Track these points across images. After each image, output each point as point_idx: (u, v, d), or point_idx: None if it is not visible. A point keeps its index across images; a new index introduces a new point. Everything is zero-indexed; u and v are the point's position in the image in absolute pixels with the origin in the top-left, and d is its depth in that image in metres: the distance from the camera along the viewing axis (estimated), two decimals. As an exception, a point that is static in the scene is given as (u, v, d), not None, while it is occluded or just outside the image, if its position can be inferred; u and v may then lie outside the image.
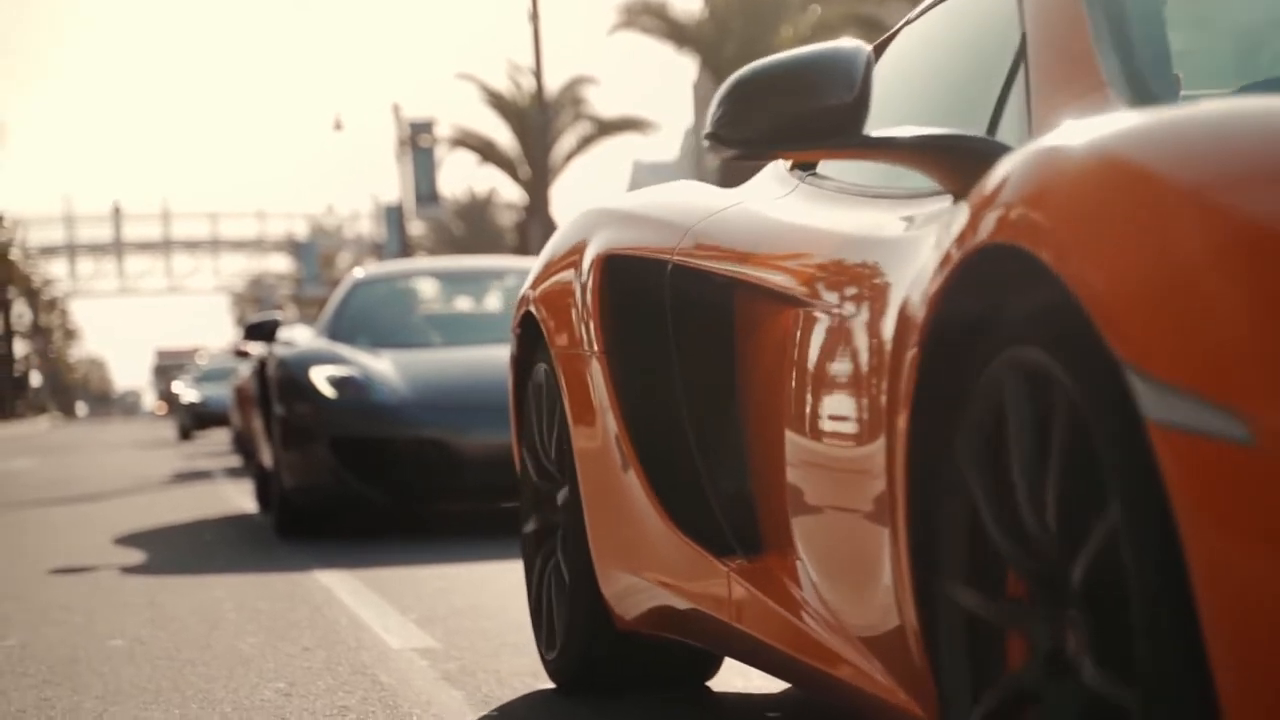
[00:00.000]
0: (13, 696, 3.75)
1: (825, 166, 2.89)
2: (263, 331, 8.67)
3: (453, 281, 9.58)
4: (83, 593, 5.79)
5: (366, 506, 7.56)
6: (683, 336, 2.90)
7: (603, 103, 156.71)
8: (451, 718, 3.31)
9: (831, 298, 2.39)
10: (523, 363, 3.56)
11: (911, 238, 2.20)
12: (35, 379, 67.24)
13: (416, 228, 48.85)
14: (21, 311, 67.99)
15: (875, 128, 2.27)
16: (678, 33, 32.63)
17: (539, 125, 26.98)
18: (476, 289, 9.53)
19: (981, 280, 1.82)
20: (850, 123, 2.20)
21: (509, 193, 58.07)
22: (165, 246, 71.95)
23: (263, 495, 9.35)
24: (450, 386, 7.61)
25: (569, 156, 39.44)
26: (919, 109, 2.68)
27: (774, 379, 2.56)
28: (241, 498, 10.96)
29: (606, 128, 39.55)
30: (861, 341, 2.22)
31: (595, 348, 3.07)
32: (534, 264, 3.54)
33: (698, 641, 2.98)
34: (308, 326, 9.18)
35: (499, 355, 7.74)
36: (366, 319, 8.69)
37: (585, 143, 39.55)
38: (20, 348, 66.87)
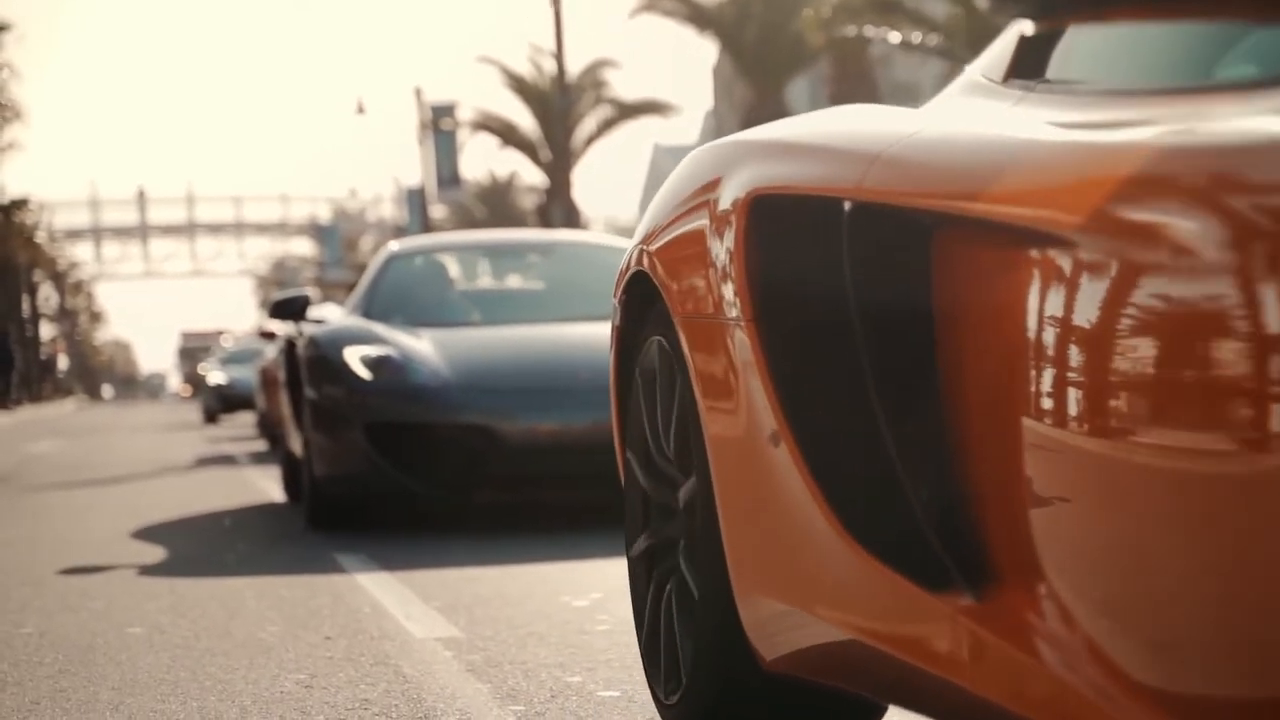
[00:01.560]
0: (27, 687, 3.67)
1: (1064, 67, 2.14)
2: (291, 308, 8.03)
3: (495, 256, 8.93)
4: (103, 578, 5.72)
5: (405, 497, 6.95)
6: (868, 296, 2.12)
7: (622, 86, 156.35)
8: (477, 712, 3.22)
9: (1136, 241, 1.63)
10: (629, 336, 2.87)
11: None
12: (62, 362, 67.37)
13: (438, 211, 48.79)
14: (48, 294, 68.24)
15: None
16: (699, 15, 32.49)
17: (561, 108, 26.86)
18: (521, 264, 8.83)
19: None
20: None
21: (530, 176, 58.00)
22: (190, 230, 72.13)
23: (291, 484, 8.98)
24: (496, 368, 7.00)
25: (590, 140, 39.34)
26: None
27: (1012, 352, 1.84)
28: (265, 482, 10.89)
29: (628, 111, 39.42)
30: (1211, 297, 1.50)
31: (741, 314, 2.34)
32: (646, 214, 2.82)
33: (884, 697, 2.27)
34: (338, 305, 8.53)
35: (548, 334, 7.29)
36: (403, 295, 8.02)
37: (606, 126, 39.43)
38: (47, 331, 67.09)
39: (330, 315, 7.94)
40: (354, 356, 7.05)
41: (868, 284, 2.13)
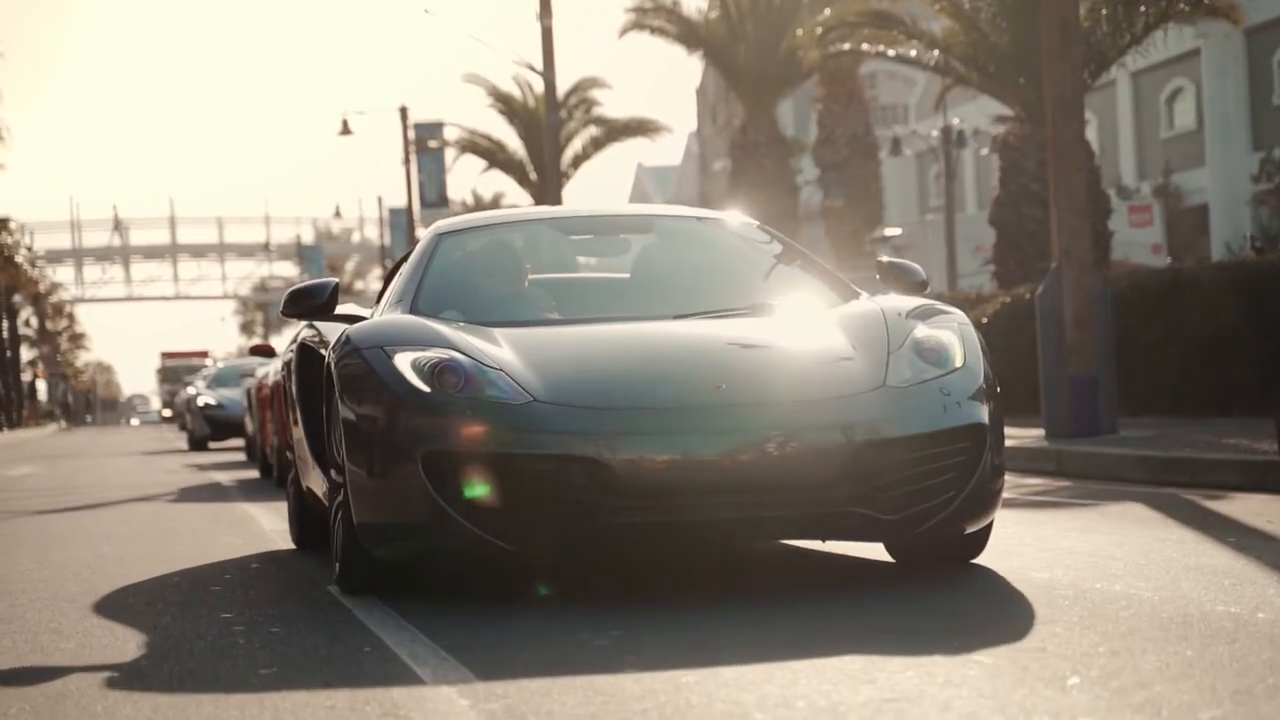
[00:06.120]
0: (-10, 745, 3.26)
1: None
2: (314, 301, 6.00)
3: (573, 235, 6.75)
4: (78, 614, 5.30)
5: (478, 556, 4.97)
6: None
7: (607, 107, 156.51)
8: (503, 775, 2.81)
9: None
10: None
11: None
12: (41, 386, 66.78)
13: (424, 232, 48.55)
14: (27, 317, 67.68)
15: None
16: (689, 34, 32.20)
17: (551, 128, 26.47)
18: (608, 245, 6.73)
19: None
20: None
21: (516, 195, 57.70)
22: (171, 251, 71.63)
23: (302, 529, 7.23)
24: (602, 379, 5.08)
25: (578, 160, 39.02)
26: None
27: None
28: (253, 509, 10.46)
29: (616, 131, 39.10)
30: None
31: None
32: None
33: None
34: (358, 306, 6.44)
35: (661, 334, 5.46)
36: (460, 285, 6.09)
37: (595, 146, 39.12)
38: (26, 354, 66.51)
39: (363, 313, 6.19)
40: (406, 363, 5.12)
41: None
